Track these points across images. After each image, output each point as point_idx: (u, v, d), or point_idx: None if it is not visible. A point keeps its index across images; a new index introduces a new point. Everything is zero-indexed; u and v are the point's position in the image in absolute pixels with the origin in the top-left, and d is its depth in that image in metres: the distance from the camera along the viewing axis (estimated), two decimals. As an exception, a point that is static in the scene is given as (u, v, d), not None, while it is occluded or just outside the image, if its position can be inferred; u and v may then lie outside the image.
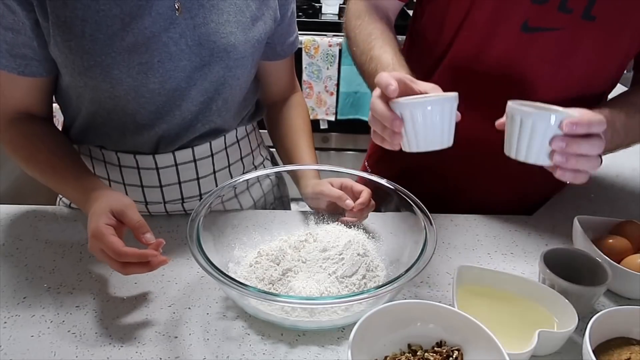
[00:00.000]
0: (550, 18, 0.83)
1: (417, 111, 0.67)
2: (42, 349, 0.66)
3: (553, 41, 0.85)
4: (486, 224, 0.95)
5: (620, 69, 0.92)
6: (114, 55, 0.77)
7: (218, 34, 0.83)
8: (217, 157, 0.94)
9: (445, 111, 0.67)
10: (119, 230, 0.70)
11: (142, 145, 0.88)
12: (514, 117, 0.67)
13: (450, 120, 0.68)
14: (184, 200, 0.93)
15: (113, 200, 0.72)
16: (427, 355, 0.63)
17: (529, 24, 0.84)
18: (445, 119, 0.67)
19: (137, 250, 0.67)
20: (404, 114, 0.67)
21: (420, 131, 0.67)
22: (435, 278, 0.81)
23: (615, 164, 1.20)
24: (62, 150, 0.84)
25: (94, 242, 0.68)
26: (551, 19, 0.83)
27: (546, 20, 0.83)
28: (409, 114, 0.67)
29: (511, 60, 0.88)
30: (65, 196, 0.82)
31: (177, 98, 0.84)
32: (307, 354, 0.68)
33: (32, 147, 0.83)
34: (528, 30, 0.84)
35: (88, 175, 0.81)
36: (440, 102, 0.67)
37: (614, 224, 0.88)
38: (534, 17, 0.83)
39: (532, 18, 0.84)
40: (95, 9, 0.75)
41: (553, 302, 0.71)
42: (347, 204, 0.85)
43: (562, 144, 0.65)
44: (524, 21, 0.84)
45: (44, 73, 0.81)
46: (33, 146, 0.83)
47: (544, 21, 0.83)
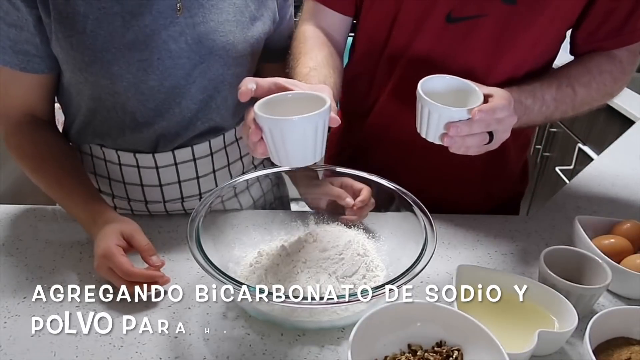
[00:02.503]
0: (472, 6, 0.84)
1: (275, 128, 0.62)
2: (42, 349, 0.66)
3: (479, 29, 0.86)
4: (486, 224, 0.95)
5: (553, 47, 0.94)
6: (114, 52, 0.78)
7: (217, 33, 0.83)
8: (216, 156, 0.94)
9: (308, 129, 0.62)
10: (126, 252, 0.73)
11: (142, 143, 0.88)
12: (418, 100, 0.73)
13: (316, 137, 0.63)
14: (184, 199, 0.93)
15: (123, 224, 0.77)
16: (427, 355, 0.63)
17: (453, 15, 0.85)
18: (309, 137, 0.62)
19: (145, 271, 0.72)
20: (263, 128, 0.63)
21: (280, 148, 0.63)
22: (435, 278, 0.81)
23: (615, 164, 1.21)
24: (70, 163, 0.86)
25: (103, 261, 0.72)
26: (474, 7, 0.84)
27: (469, 8, 0.85)
28: (267, 129, 0.63)
29: (441, 52, 0.89)
30: (69, 212, 0.84)
31: (176, 96, 0.84)
32: (307, 354, 0.68)
33: (40, 157, 0.85)
34: (452, 21, 0.86)
35: (96, 198, 0.83)
36: (298, 122, 0.61)
37: (614, 224, 0.88)
38: (457, 8, 0.85)
39: (456, 8, 0.85)
40: (97, 6, 0.77)
41: (553, 302, 0.71)
42: (347, 202, 0.85)
43: (456, 129, 0.71)
44: (447, 12, 0.85)
45: (46, 70, 0.82)
46: (40, 156, 0.85)
47: (467, 10, 0.85)
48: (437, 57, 0.89)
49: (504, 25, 0.85)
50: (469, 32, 0.86)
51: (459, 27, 0.86)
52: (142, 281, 0.72)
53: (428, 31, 0.88)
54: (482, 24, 0.85)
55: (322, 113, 0.62)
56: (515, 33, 0.86)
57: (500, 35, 0.86)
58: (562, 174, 2.02)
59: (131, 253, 0.75)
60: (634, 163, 1.21)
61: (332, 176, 0.92)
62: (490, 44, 0.87)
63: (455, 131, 0.71)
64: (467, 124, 0.71)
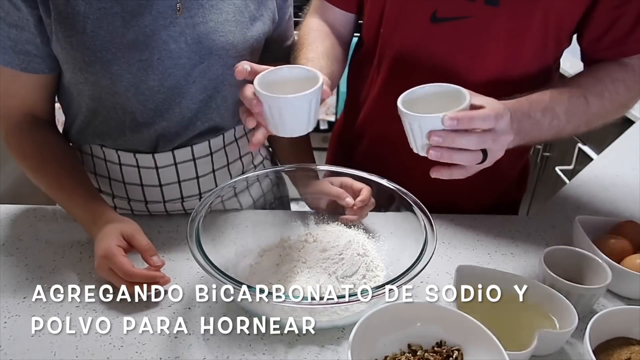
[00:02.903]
0: (457, 7, 0.84)
1: (274, 104, 0.68)
2: (42, 349, 0.67)
3: (463, 30, 0.86)
4: (486, 224, 0.95)
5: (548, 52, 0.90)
6: (114, 52, 0.79)
7: (217, 33, 0.84)
8: (216, 155, 0.94)
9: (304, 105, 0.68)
10: (126, 252, 0.74)
11: (142, 143, 0.88)
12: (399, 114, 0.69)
13: (310, 111, 0.69)
14: (184, 199, 0.93)
15: (123, 224, 0.77)
16: (427, 355, 0.63)
17: (438, 15, 0.86)
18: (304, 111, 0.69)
19: (145, 271, 0.73)
20: (263, 103, 0.69)
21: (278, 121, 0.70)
22: (435, 278, 0.81)
23: (615, 164, 1.21)
24: (70, 164, 0.86)
25: (103, 261, 0.73)
26: (458, 8, 0.85)
27: (453, 9, 0.85)
28: (267, 105, 0.69)
29: (427, 52, 0.89)
30: (69, 212, 0.84)
31: (176, 96, 0.84)
32: (307, 354, 0.68)
33: (40, 157, 0.85)
34: (437, 21, 0.86)
35: (97, 198, 0.83)
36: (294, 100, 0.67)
37: (614, 224, 0.88)
38: (441, 8, 0.85)
39: (440, 9, 0.85)
40: (97, 6, 0.77)
41: (553, 302, 0.71)
42: (347, 202, 0.85)
43: (437, 138, 0.65)
44: (432, 12, 0.85)
45: (46, 70, 0.82)
46: (41, 156, 0.85)
47: (452, 11, 0.85)
48: (424, 57, 0.89)
49: (487, 27, 0.85)
50: (454, 33, 0.86)
51: (444, 27, 0.86)
52: (142, 281, 0.72)
53: (414, 31, 0.88)
54: (466, 25, 0.85)
55: (316, 90, 0.68)
56: (498, 35, 0.85)
57: (484, 36, 0.86)
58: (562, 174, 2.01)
59: (131, 253, 0.75)
60: (634, 163, 1.21)
61: (332, 176, 0.92)
62: (475, 45, 0.87)
63: (436, 140, 0.65)
64: (449, 132, 0.65)
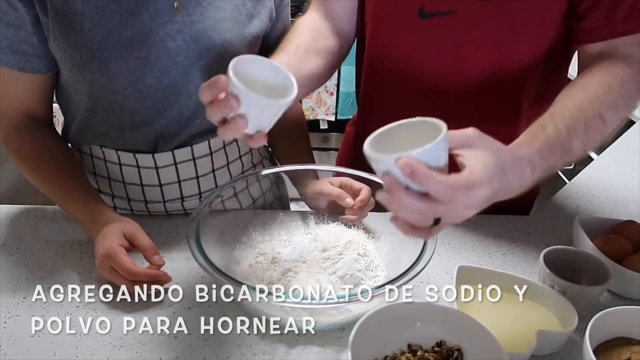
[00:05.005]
0: (444, 2, 0.84)
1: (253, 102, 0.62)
2: (42, 349, 0.67)
3: (450, 25, 0.85)
4: (486, 224, 0.95)
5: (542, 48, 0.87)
6: (112, 49, 0.79)
7: (215, 31, 0.84)
8: (215, 155, 0.94)
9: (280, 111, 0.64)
10: (127, 252, 0.74)
11: (142, 143, 0.88)
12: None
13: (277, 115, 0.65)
14: (184, 199, 0.93)
15: (125, 223, 0.78)
16: (427, 355, 0.63)
17: (425, 10, 0.85)
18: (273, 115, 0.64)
19: (147, 270, 0.73)
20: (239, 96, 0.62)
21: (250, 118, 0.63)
22: (435, 278, 0.81)
23: (615, 164, 1.21)
24: (69, 164, 0.86)
25: (105, 260, 0.73)
26: (445, 3, 0.84)
27: (441, 4, 0.84)
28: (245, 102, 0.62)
29: (416, 49, 0.89)
30: (69, 213, 0.84)
31: (174, 94, 0.84)
32: (307, 354, 0.68)
33: (39, 158, 0.85)
34: (425, 17, 0.85)
35: (96, 198, 0.84)
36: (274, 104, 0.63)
37: (614, 224, 0.88)
38: (428, 3, 0.85)
39: (427, 4, 0.85)
40: (94, 5, 0.77)
41: (553, 302, 0.71)
42: (347, 202, 0.85)
43: (387, 182, 0.53)
44: (419, 8, 0.85)
45: (44, 69, 0.82)
46: (40, 157, 0.85)
47: (439, 5, 0.84)
48: (413, 53, 0.89)
49: (476, 22, 0.84)
50: (442, 28, 0.86)
51: (431, 22, 0.85)
52: (144, 280, 0.72)
53: (402, 27, 0.88)
54: (454, 20, 0.84)
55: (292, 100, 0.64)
56: (487, 30, 0.85)
57: (472, 32, 0.85)
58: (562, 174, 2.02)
59: (132, 252, 0.75)
60: (634, 163, 1.21)
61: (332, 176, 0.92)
62: (462, 42, 0.86)
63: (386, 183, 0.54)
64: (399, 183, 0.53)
